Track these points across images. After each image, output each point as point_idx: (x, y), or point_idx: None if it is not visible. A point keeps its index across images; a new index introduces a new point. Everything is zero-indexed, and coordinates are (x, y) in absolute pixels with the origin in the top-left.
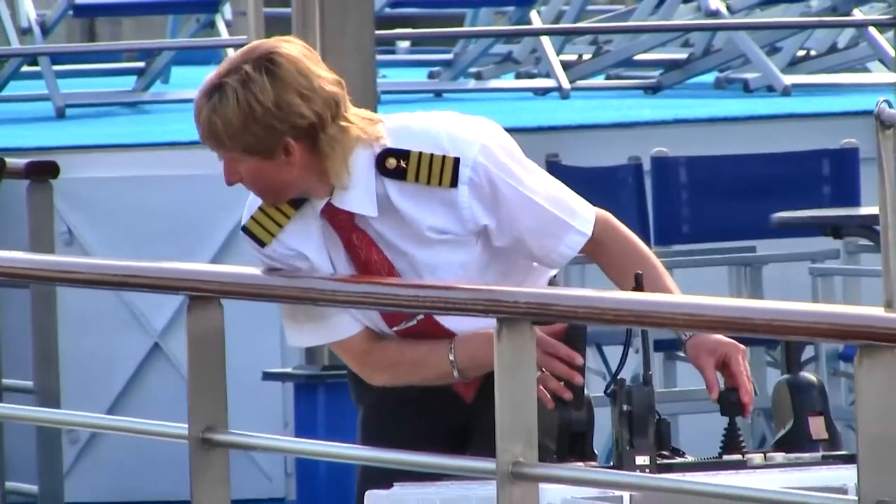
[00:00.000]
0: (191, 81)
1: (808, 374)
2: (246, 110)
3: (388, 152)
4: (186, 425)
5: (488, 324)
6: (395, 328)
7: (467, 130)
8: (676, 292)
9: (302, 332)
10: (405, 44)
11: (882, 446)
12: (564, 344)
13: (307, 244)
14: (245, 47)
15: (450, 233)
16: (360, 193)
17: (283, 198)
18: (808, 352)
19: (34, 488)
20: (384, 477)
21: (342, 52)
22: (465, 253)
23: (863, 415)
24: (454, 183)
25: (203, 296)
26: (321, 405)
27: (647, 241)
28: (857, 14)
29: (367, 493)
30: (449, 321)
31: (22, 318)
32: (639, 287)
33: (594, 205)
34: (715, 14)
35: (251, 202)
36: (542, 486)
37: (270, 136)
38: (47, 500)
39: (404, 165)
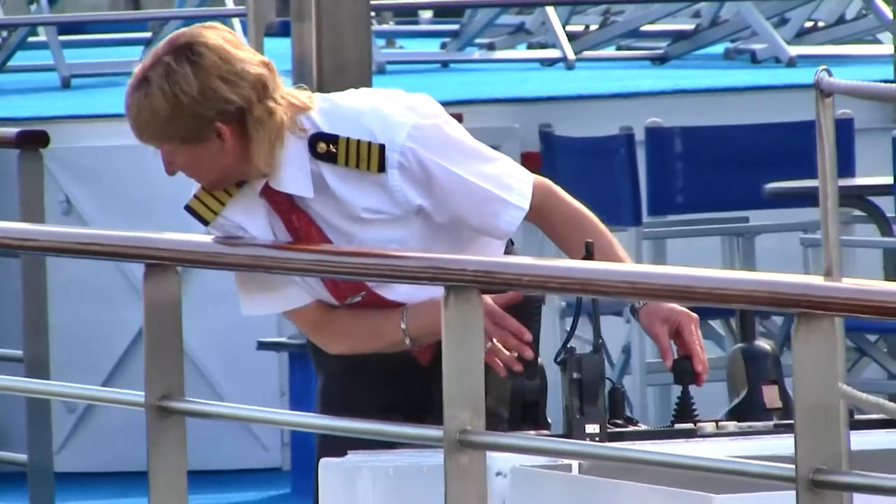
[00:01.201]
0: None
1: (762, 343)
2: (172, 102)
3: (318, 136)
4: (143, 393)
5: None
6: (342, 303)
7: (399, 112)
8: (627, 260)
9: (254, 301)
10: (428, 14)
11: (819, 415)
12: (518, 315)
13: (251, 221)
14: (167, 38)
15: (385, 213)
16: (295, 175)
17: (221, 185)
18: None
19: (23, 457)
20: (343, 445)
21: (338, 23)
22: (403, 230)
23: (800, 383)
24: (382, 168)
25: (159, 264)
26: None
27: (639, 211)
28: None
29: (322, 460)
30: (394, 296)
31: (14, 288)
32: (589, 256)
33: (579, 178)
34: None
35: None
36: (492, 454)
37: (199, 123)
38: (36, 469)
39: (334, 150)
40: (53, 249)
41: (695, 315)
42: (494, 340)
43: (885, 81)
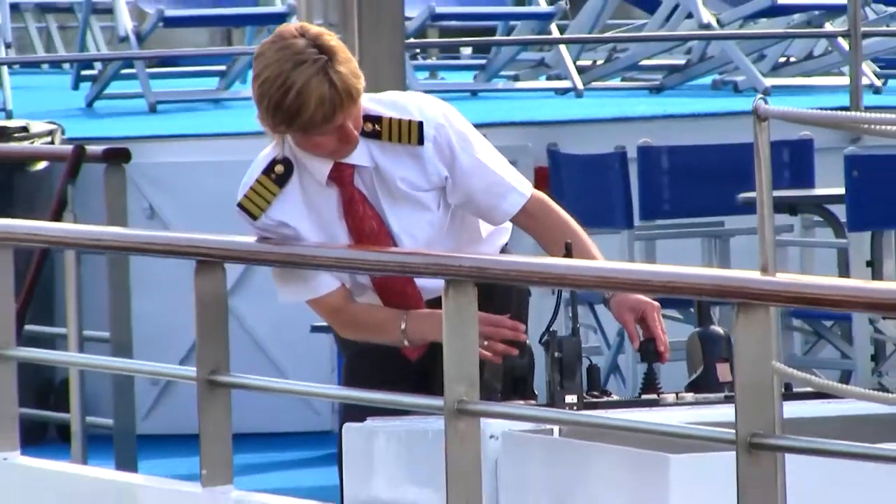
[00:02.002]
0: None
1: (716, 328)
2: (352, 66)
3: (365, 118)
4: (195, 369)
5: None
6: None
7: (432, 103)
8: (601, 259)
9: (289, 290)
10: (468, 51)
11: (755, 389)
12: (510, 305)
13: (292, 215)
14: (286, 45)
15: (417, 187)
16: (356, 149)
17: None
18: None
19: (110, 422)
20: (363, 413)
21: (376, 58)
22: (431, 214)
23: (739, 363)
24: (420, 141)
25: (208, 260)
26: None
27: (632, 216)
28: (828, 26)
29: (345, 425)
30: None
31: (103, 279)
32: (569, 254)
33: (580, 189)
34: (707, 26)
35: (245, 182)
36: (486, 420)
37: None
38: (121, 432)
39: (378, 128)
40: (121, 248)
41: (657, 304)
42: (487, 342)
43: (842, 108)
